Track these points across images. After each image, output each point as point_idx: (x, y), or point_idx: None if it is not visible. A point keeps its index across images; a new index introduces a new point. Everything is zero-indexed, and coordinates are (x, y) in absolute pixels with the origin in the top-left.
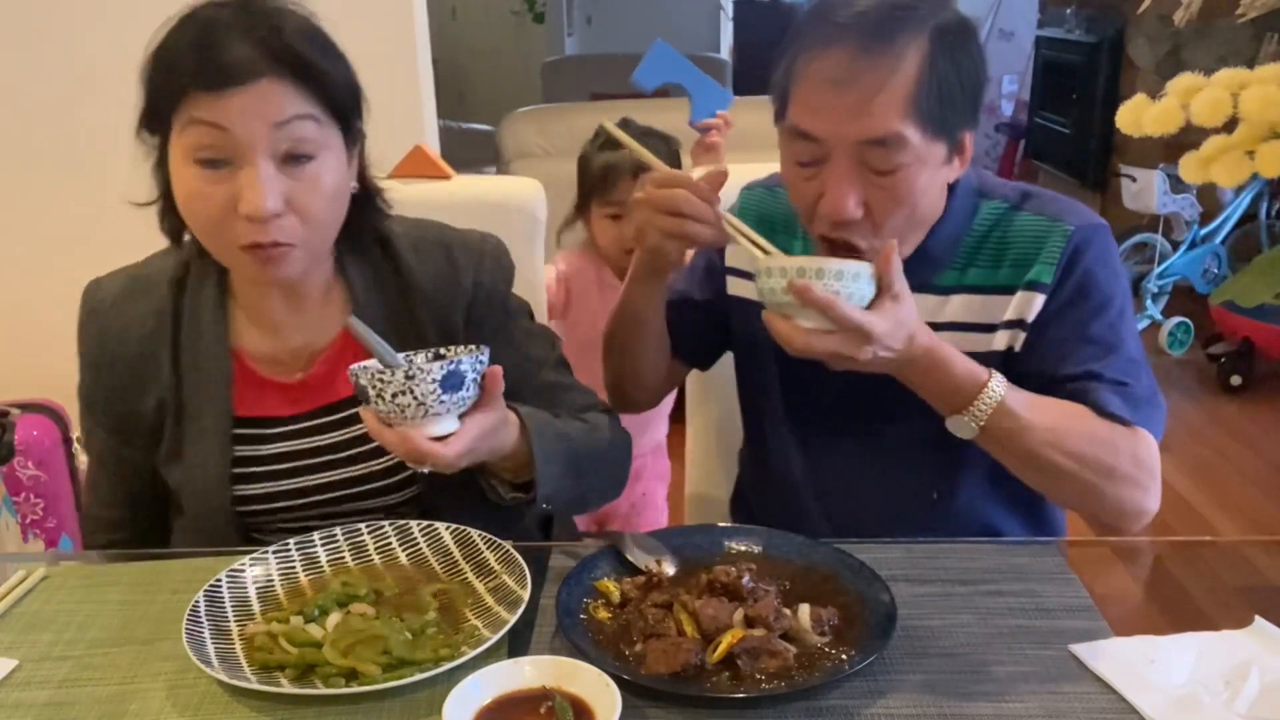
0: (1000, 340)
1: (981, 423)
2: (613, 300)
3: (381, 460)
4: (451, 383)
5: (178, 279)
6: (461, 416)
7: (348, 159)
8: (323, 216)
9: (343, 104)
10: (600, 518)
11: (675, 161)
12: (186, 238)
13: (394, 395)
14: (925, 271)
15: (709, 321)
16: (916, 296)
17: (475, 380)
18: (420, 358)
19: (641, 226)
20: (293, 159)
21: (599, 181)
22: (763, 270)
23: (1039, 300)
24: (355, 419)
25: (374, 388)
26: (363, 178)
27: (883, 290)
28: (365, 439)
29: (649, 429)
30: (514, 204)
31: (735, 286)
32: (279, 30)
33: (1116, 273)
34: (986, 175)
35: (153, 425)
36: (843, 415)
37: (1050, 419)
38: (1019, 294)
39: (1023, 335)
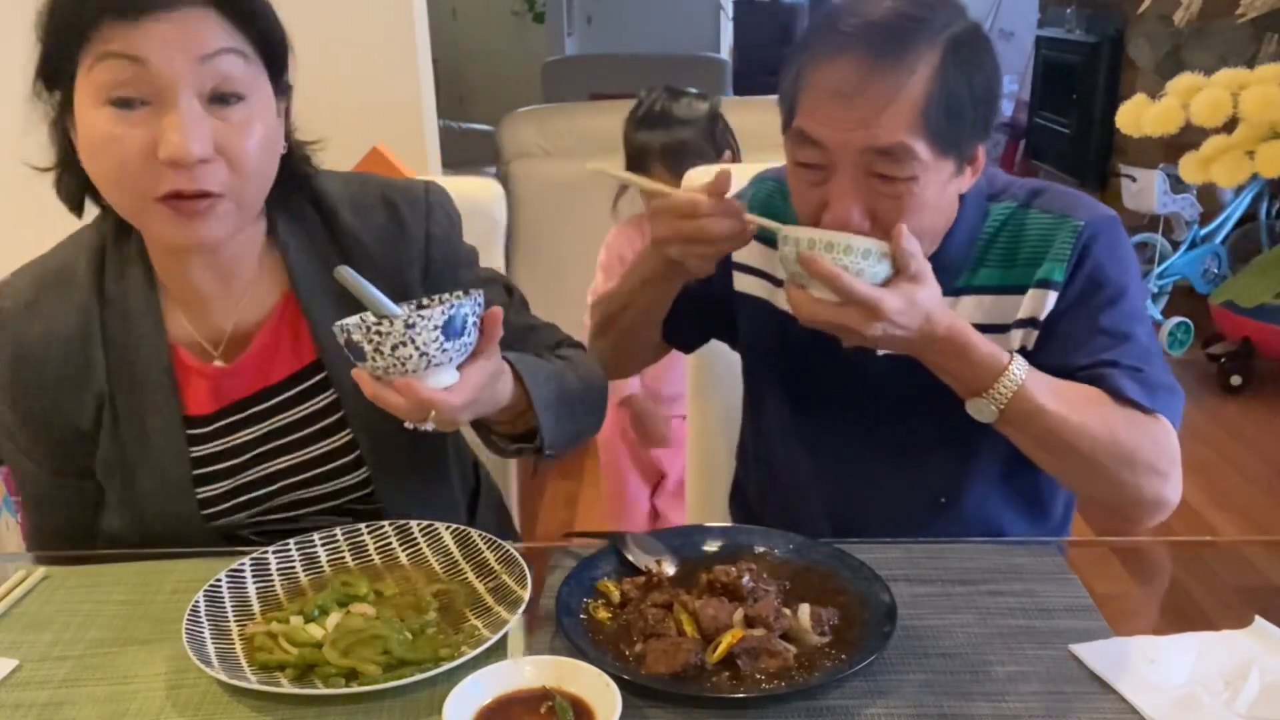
0: (1014, 340)
1: (1001, 406)
2: None
3: (328, 441)
4: (453, 329)
5: (97, 265)
6: (460, 368)
7: (277, 112)
8: (254, 165)
9: (272, 44)
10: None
11: (712, 121)
12: (93, 211)
13: (394, 347)
14: (940, 278)
15: (701, 310)
16: None
17: (475, 324)
18: (405, 308)
19: (674, 260)
20: (220, 99)
21: (634, 164)
22: (780, 238)
23: (1051, 297)
24: (298, 400)
25: (371, 341)
26: (289, 137)
27: (900, 270)
28: (310, 421)
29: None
30: (472, 206)
31: (742, 283)
32: None
33: (1127, 265)
34: (996, 174)
35: (92, 436)
36: (851, 417)
37: (1070, 404)
38: (1031, 292)
39: (1035, 333)
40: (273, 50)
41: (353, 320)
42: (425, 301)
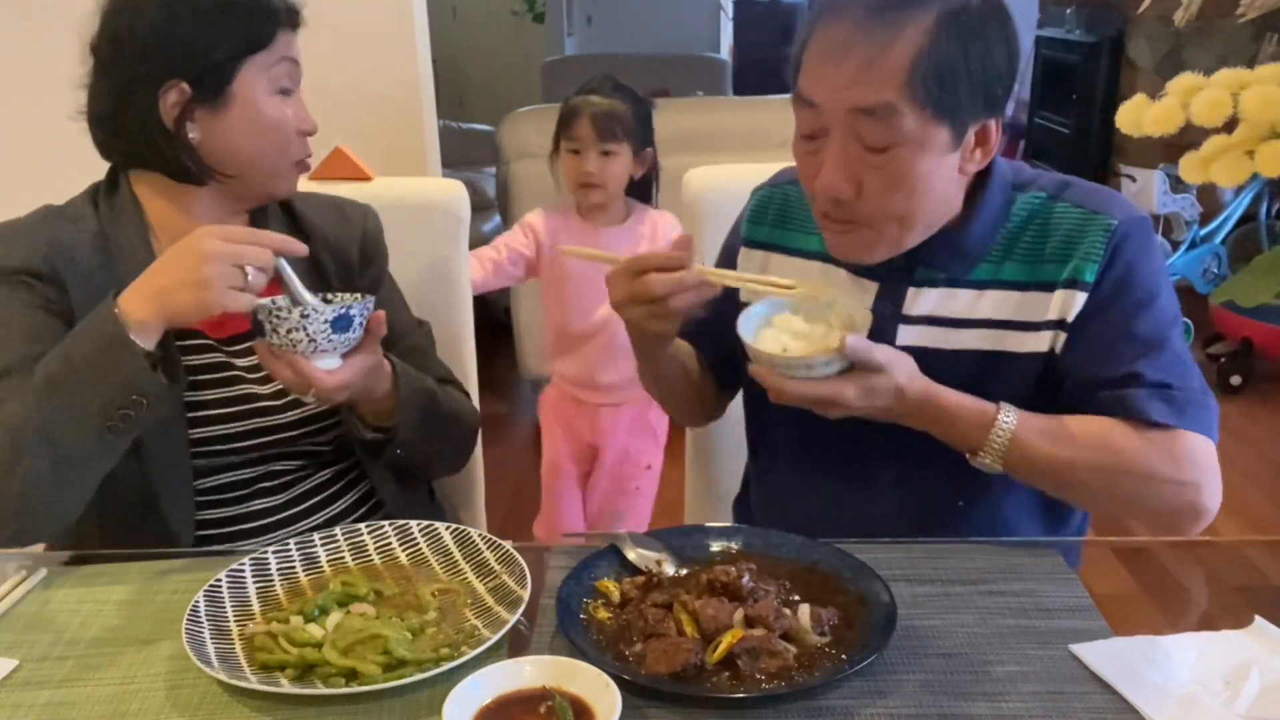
0: (1043, 341)
1: (1000, 458)
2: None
3: (298, 408)
4: (341, 324)
5: (93, 207)
6: (345, 356)
7: None
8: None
9: None
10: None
11: (646, 121)
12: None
13: (289, 331)
14: (959, 266)
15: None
16: (950, 293)
17: (361, 324)
18: (313, 300)
19: (633, 322)
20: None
21: (563, 122)
22: (739, 330)
23: (1080, 298)
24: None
25: (270, 323)
26: None
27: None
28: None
29: None
30: (437, 205)
31: None
32: None
33: (1158, 267)
34: (1023, 166)
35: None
36: (861, 422)
37: (1071, 442)
38: (1060, 292)
39: (1063, 336)
40: None
41: (263, 302)
42: (330, 297)
